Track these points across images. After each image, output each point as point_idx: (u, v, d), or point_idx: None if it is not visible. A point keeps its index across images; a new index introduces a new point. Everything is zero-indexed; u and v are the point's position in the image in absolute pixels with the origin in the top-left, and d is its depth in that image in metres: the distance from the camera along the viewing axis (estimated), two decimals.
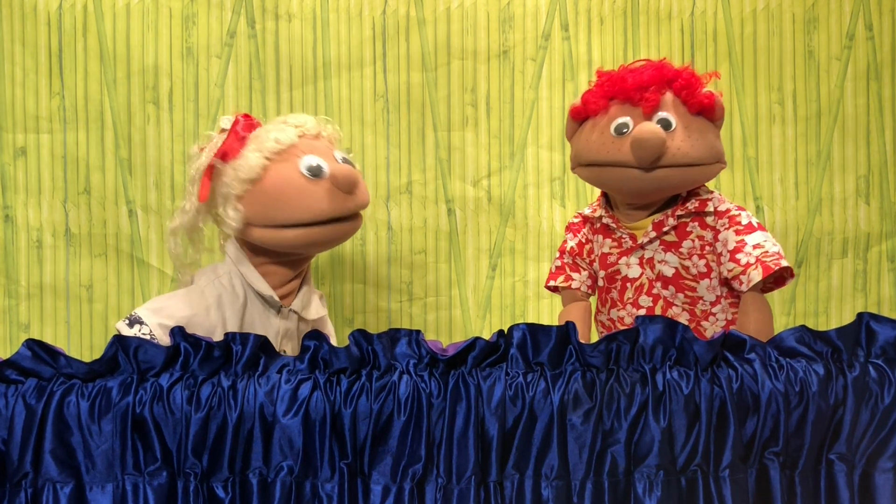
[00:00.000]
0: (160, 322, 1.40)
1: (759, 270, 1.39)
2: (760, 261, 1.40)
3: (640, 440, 1.07)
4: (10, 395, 1.07)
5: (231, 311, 1.48)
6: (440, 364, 1.08)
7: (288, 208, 1.43)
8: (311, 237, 1.46)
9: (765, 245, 1.42)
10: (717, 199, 1.49)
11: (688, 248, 1.48)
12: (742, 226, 1.45)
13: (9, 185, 1.92)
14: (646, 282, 1.51)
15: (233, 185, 1.44)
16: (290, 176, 1.43)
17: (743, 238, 1.43)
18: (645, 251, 1.50)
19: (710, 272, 1.47)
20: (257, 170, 1.43)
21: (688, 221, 1.48)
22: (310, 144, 1.48)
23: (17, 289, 1.93)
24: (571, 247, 1.61)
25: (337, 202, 1.44)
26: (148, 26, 1.92)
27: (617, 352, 1.09)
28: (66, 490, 1.06)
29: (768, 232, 1.46)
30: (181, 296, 1.48)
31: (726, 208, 1.48)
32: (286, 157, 1.45)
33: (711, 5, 2.01)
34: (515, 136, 2.00)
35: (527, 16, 1.99)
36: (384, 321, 2.01)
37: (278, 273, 1.52)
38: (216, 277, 1.50)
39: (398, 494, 1.06)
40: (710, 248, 1.47)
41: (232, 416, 1.06)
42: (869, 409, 1.10)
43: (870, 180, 2.03)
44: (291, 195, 1.42)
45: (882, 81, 2.02)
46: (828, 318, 2.03)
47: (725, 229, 1.45)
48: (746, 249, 1.42)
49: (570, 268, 1.61)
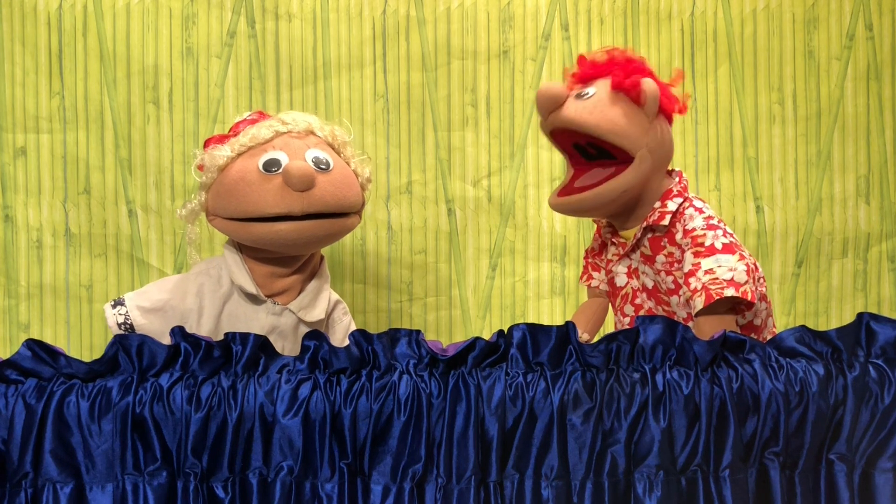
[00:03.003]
0: (138, 304, 1.47)
1: (702, 298, 1.31)
2: (706, 287, 1.31)
3: (640, 440, 1.07)
4: (10, 395, 1.07)
5: (210, 300, 1.49)
6: (440, 364, 1.08)
7: (237, 201, 1.43)
8: (275, 234, 1.42)
9: (716, 271, 1.32)
10: (688, 215, 1.40)
11: (660, 262, 1.44)
12: (703, 247, 1.35)
13: (9, 185, 1.92)
14: (630, 291, 1.51)
15: (207, 174, 1.48)
16: (246, 169, 1.43)
17: (699, 261, 1.35)
18: (631, 261, 1.50)
19: (678, 289, 1.42)
20: (220, 161, 1.45)
21: (661, 236, 1.44)
22: (284, 141, 1.47)
23: (17, 289, 1.93)
24: (592, 247, 1.63)
25: (286, 199, 1.40)
26: (148, 26, 1.92)
27: (617, 352, 1.09)
28: (66, 490, 1.06)
29: (736, 254, 1.34)
30: (166, 281, 1.53)
31: (693, 227, 1.38)
32: (256, 152, 1.46)
33: (711, 5, 2.01)
34: (515, 136, 2.00)
35: (527, 16, 1.98)
36: (384, 321, 2.01)
37: (265, 268, 1.51)
38: (207, 268, 1.53)
39: (398, 494, 1.06)
40: (678, 266, 1.41)
41: (232, 416, 1.06)
42: (869, 409, 1.10)
43: (870, 180, 2.03)
44: (242, 188, 1.42)
45: (882, 81, 2.02)
46: (828, 318, 2.03)
47: (687, 249, 1.38)
48: (698, 274, 1.33)
49: (591, 267, 1.62)
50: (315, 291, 1.57)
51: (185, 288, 1.50)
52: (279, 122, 1.50)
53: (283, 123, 1.49)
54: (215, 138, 1.54)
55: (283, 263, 1.51)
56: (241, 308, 1.52)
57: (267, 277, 1.51)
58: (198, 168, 1.53)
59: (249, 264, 1.51)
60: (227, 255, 1.53)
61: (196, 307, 1.48)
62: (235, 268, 1.50)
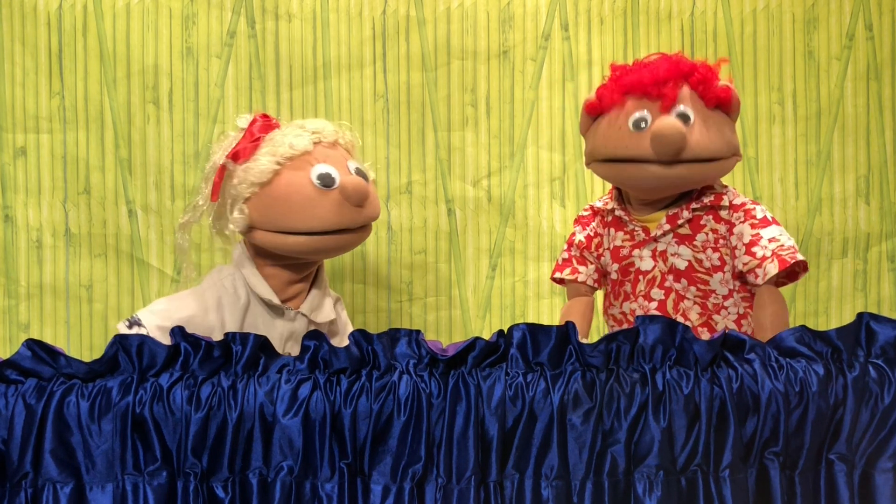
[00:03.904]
0: (158, 324, 1.41)
1: (775, 263, 1.40)
2: (776, 254, 1.41)
3: (640, 440, 1.07)
4: (10, 395, 1.07)
5: (231, 313, 1.48)
6: (440, 364, 1.08)
7: (294, 216, 1.43)
8: (316, 245, 1.46)
9: (780, 239, 1.43)
10: (731, 192, 1.50)
11: (701, 241, 1.48)
12: (757, 220, 1.45)
13: (9, 185, 1.92)
14: (658, 274, 1.51)
15: (241, 187, 1.45)
16: (299, 183, 1.43)
17: (759, 231, 1.44)
18: (658, 244, 1.50)
19: (724, 265, 1.47)
20: (267, 174, 1.43)
21: (702, 214, 1.48)
22: (324, 153, 1.48)
23: (17, 289, 1.93)
24: (580, 240, 1.61)
25: (345, 214, 1.44)
26: (148, 26, 1.92)
27: (617, 352, 1.09)
28: (66, 490, 1.06)
29: (781, 226, 1.46)
30: (182, 297, 1.49)
31: (741, 202, 1.48)
32: (299, 163, 1.45)
33: (711, 5, 2.01)
34: (515, 136, 2.00)
35: (527, 16, 1.98)
36: (384, 321, 2.01)
37: (282, 276, 1.52)
38: (220, 279, 1.50)
39: (398, 494, 1.06)
40: (724, 242, 1.47)
41: (232, 416, 1.06)
42: (869, 409, 1.10)
43: (870, 180, 2.03)
44: (299, 203, 1.43)
45: (882, 81, 2.02)
46: (828, 318, 2.03)
47: (741, 223, 1.46)
48: (762, 243, 1.42)
49: (577, 260, 1.60)
50: (320, 292, 1.59)
51: (204, 304, 1.47)
52: (308, 132, 1.48)
53: (314, 132, 1.49)
54: (240, 148, 1.48)
55: (298, 270, 1.53)
56: (260, 318, 1.51)
57: (283, 284, 1.52)
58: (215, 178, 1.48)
59: (264, 272, 1.51)
60: (241, 266, 1.51)
61: (219, 323, 1.46)
62: (254, 279, 1.50)
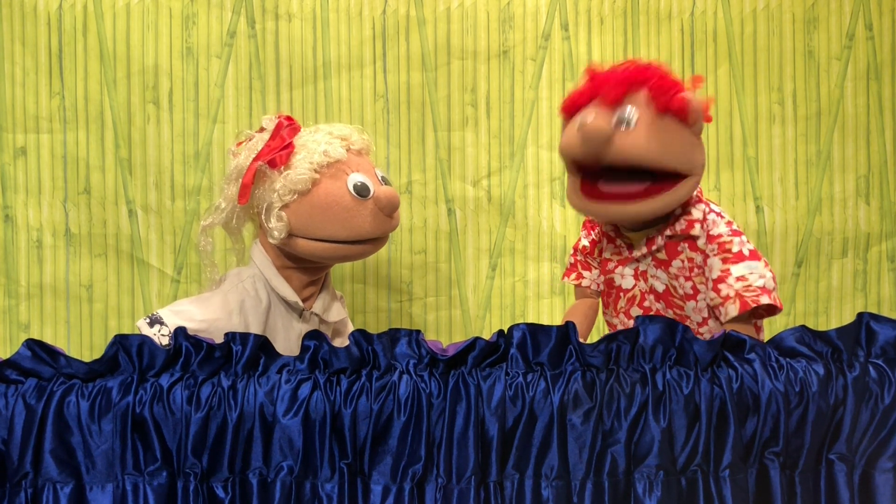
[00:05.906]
0: (180, 324, 1.40)
1: (736, 305, 1.32)
2: (740, 295, 1.32)
3: (640, 440, 1.07)
4: (10, 395, 1.07)
5: (254, 315, 1.49)
6: (440, 364, 1.08)
7: (333, 225, 1.46)
8: (349, 252, 1.51)
9: (749, 278, 1.33)
10: (711, 221, 1.40)
11: (677, 267, 1.43)
12: (731, 254, 1.36)
13: (9, 185, 1.92)
14: (638, 293, 1.49)
15: (281, 192, 1.45)
16: (338, 193, 1.47)
17: (729, 268, 1.35)
18: (640, 263, 1.49)
19: (697, 294, 1.42)
20: (307, 182, 1.45)
21: (679, 241, 1.43)
22: (356, 161, 1.52)
23: (17, 289, 1.92)
24: (584, 245, 1.60)
25: (378, 223, 1.50)
26: (148, 26, 1.92)
27: (617, 352, 1.09)
28: (66, 490, 1.06)
29: (762, 261, 1.36)
30: (204, 300, 1.49)
31: (718, 233, 1.39)
32: (335, 171, 1.48)
33: (711, 5, 2.01)
34: (515, 136, 2.00)
35: (527, 16, 1.98)
36: (384, 321, 2.01)
37: (300, 278, 1.55)
38: (240, 282, 1.51)
39: (398, 494, 1.06)
40: (699, 271, 1.41)
41: (232, 416, 1.06)
42: (869, 409, 1.10)
43: (870, 180, 2.03)
44: (338, 213, 1.46)
45: (882, 81, 2.02)
46: (828, 318, 2.03)
47: (714, 255, 1.37)
48: (729, 280, 1.34)
49: (581, 265, 1.60)
50: (329, 293, 1.63)
51: (227, 307, 1.48)
52: (338, 139, 1.51)
53: (342, 139, 1.51)
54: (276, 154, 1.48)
55: (314, 272, 1.56)
56: (280, 319, 1.54)
57: (300, 286, 1.55)
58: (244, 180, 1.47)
59: (284, 274, 1.53)
60: (262, 268, 1.53)
61: (242, 326, 1.48)
62: (277, 280, 1.52)
